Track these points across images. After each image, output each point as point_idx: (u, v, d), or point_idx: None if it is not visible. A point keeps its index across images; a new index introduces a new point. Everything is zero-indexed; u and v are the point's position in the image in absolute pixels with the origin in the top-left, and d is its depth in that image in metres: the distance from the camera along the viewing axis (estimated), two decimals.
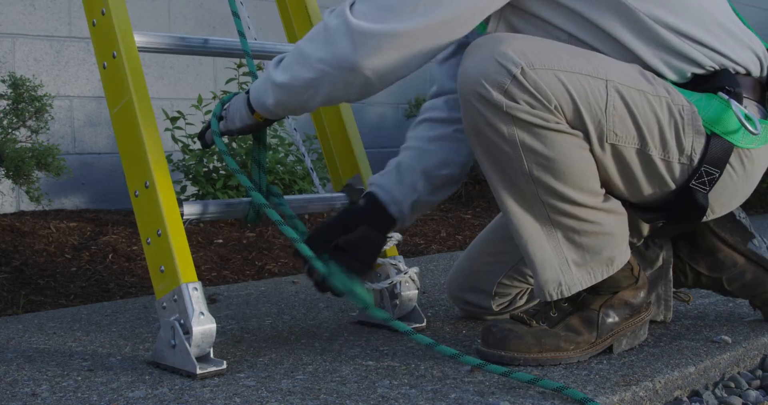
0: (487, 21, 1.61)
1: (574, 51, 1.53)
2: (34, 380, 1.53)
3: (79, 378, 1.54)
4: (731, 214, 1.85)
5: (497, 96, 1.46)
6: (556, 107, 1.47)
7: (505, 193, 1.55)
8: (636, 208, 1.64)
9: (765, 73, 1.67)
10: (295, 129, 2.02)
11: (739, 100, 1.57)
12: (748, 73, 1.63)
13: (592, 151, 1.52)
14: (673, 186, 1.58)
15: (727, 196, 1.64)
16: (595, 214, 1.55)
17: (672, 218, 1.64)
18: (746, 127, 1.54)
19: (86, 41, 3.49)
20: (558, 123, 1.48)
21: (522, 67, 1.45)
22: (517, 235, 1.57)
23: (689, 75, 1.59)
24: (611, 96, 1.49)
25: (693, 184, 1.57)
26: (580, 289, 1.59)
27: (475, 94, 1.48)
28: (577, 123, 1.49)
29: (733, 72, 1.60)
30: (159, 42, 1.76)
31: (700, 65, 1.58)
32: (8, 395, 1.45)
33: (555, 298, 1.59)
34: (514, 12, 1.58)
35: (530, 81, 1.46)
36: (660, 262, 1.86)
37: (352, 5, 1.48)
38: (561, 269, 1.57)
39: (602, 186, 1.58)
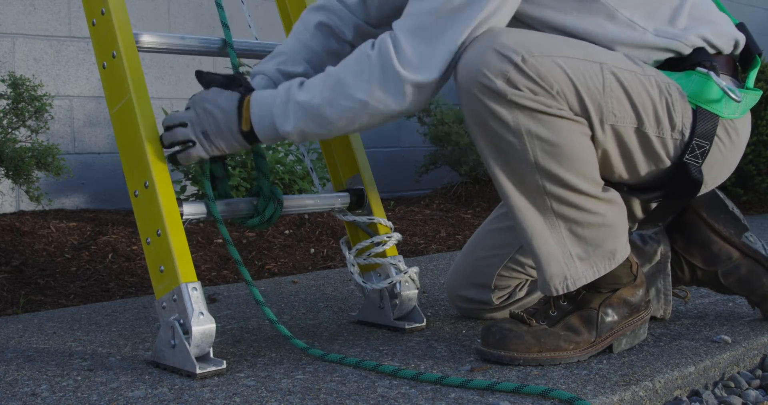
0: None
1: (566, 40, 1.57)
2: (33, 380, 1.53)
3: (79, 378, 1.54)
4: (723, 205, 1.88)
5: (500, 84, 1.48)
6: (558, 92, 1.50)
7: (510, 186, 1.56)
8: (634, 190, 1.68)
9: (737, 52, 1.75)
10: None
11: (716, 73, 1.63)
12: (720, 52, 1.71)
13: (594, 135, 1.55)
14: (668, 162, 1.63)
15: (718, 168, 1.70)
16: (597, 205, 1.57)
17: (669, 195, 1.68)
18: (729, 95, 1.61)
19: (86, 41, 3.49)
20: (561, 109, 1.51)
21: (522, 55, 1.48)
22: (522, 228, 1.58)
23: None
24: (607, 78, 1.54)
25: (687, 159, 1.63)
26: (585, 284, 1.60)
27: (477, 84, 1.49)
28: (579, 107, 1.52)
29: (712, 51, 1.67)
30: (159, 42, 1.76)
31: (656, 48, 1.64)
32: (8, 395, 1.45)
33: (561, 292, 1.60)
34: None
35: (531, 68, 1.48)
36: (658, 257, 1.87)
37: (396, 45, 1.51)
38: (566, 263, 1.58)
39: (602, 171, 1.60)
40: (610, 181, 1.64)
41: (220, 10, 1.86)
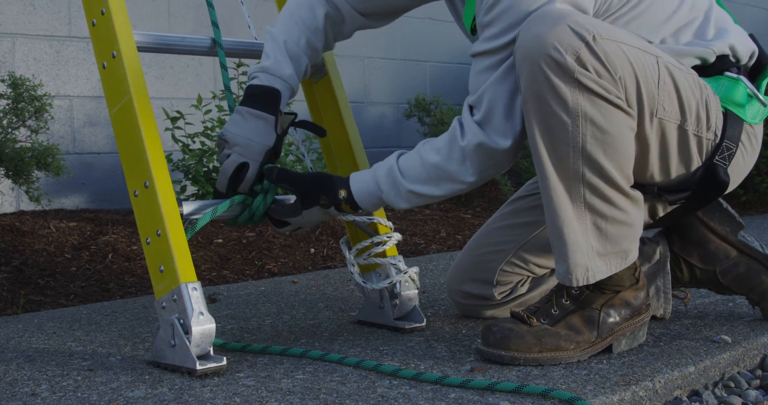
0: None
1: (626, 30, 1.60)
2: (33, 380, 1.53)
3: (79, 378, 1.54)
4: (718, 203, 1.88)
5: (570, 61, 1.49)
6: (620, 78, 1.51)
7: (550, 167, 1.56)
8: (662, 190, 1.70)
9: (751, 63, 1.79)
10: (295, 129, 2.02)
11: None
12: (738, 61, 1.75)
13: (640, 128, 1.57)
14: (699, 163, 1.67)
15: (737, 173, 1.74)
16: (625, 202, 1.59)
17: (694, 196, 1.71)
18: (759, 97, 1.68)
19: (86, 41, 3.49)
20: (618, 97, 1.52)
21: (594, 35, 1.49)
22: (554, 212, 1.58)
23: None
24: (662, 71, 1.57)
25: (717, 160, 1.67)
26: (601, 279, 1.61)
27: (546, 58, 1.49)
28: (635, 96, 1.54)
29: (733, 60, 1.72)
30: (159, 42, 1.76)
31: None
32: (8, 395, 1.45)
33: (580, 283, 1.60)
34: None
35: (600, 49, 1.50)
36: (657, 256, 1.87)
37: (481, 125, 1.61)
38: (588, 255, 1.59)
39: (635, 168, 1.62)
40: (638, 181, 1.65)
41: (211, 9, 1.88)
